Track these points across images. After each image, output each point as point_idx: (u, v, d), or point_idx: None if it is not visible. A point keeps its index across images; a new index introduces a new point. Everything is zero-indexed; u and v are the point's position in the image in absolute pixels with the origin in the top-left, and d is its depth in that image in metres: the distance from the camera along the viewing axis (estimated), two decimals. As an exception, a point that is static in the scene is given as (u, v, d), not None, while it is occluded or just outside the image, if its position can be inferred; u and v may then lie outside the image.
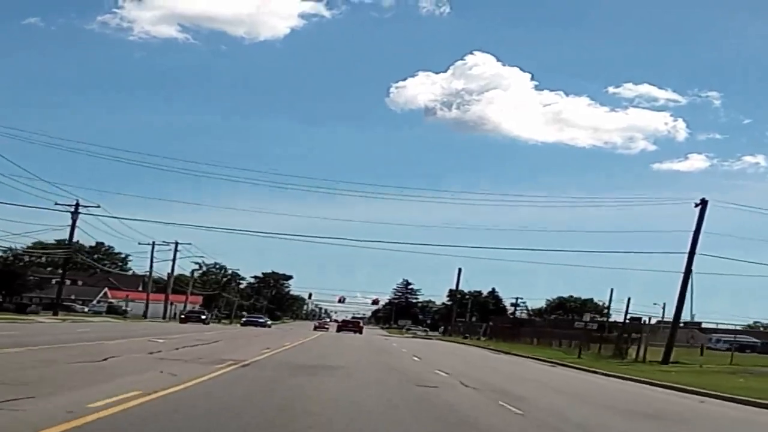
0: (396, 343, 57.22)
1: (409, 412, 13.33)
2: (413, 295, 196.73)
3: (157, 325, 59.79)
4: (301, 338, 49.65)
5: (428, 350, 43.90)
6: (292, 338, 46.98)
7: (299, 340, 44.44)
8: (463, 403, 15.51)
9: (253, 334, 53.87)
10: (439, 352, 43.64)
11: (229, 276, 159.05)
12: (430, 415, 13.31)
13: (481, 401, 16.38)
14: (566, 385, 24.65)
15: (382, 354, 35.20)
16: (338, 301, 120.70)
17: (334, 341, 49.89)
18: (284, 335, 54.09)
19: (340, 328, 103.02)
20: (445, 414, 13.60)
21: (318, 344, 42.04)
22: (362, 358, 29.92)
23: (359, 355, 31.51)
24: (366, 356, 31.44)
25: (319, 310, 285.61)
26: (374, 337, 76.17)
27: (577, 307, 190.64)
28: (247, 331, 64.95)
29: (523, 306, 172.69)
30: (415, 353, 38.03)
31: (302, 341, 43.47)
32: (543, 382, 25.16)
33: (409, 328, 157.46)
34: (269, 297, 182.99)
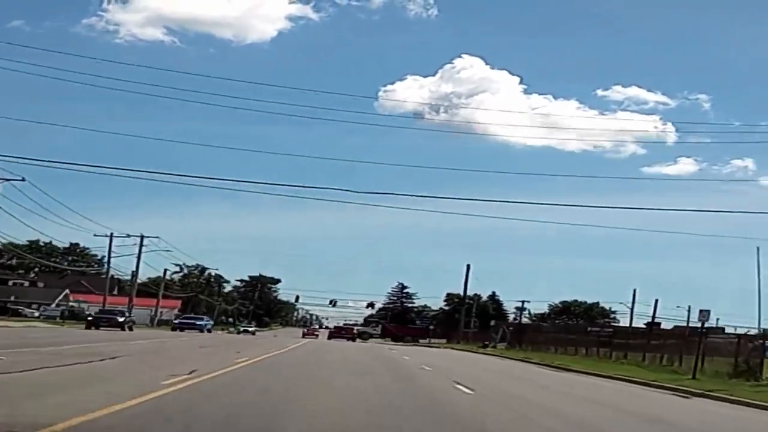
0: (408, 356, 40.17)
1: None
2: (409, 300, 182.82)
3: (67, 333, 44.07)
4: (273, 349, 35.40)
5: (469, 370, 29.18)
6: (256, 350, 32.42)
7: (265, 353, 30.11)
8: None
9: (188, 344, 36.43)
10: (490, 371, 29.37)
11: (209, 277, 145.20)
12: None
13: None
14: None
15: (406, 383, 19.90)
16: (329, 304, 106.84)
17: (316, 353, 35.77)
18: (249, 346, 38.47)
19: (331, 335, 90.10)
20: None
21: (290, 359, 28.09)
22: (358, 393, 16.13)
23: (353, 386, 17.53)
24: (370, 390, 16.96)
25: (310, 316, 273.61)
26: (372, 346, 62.67)
27: (582, 311, 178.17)
28: (179, 342, 40.24)
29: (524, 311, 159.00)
30: (457, 378, 22.54)
31: (265, 355, 28.73)
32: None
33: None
34: (256, 302, 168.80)
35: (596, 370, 32.82)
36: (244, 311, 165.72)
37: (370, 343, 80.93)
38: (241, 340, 48.67)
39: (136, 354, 24.41)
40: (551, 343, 61.02)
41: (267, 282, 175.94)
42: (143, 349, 28.32)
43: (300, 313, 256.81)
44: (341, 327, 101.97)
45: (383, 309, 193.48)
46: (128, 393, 11.96)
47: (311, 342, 62.87)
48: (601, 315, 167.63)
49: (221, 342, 42.91)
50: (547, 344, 62.37)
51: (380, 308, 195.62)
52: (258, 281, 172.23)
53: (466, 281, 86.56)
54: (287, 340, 64.14)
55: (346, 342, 76.59)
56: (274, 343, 46.87)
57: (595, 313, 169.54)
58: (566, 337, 63.89)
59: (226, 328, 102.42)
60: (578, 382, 26.27)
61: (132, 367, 18.53)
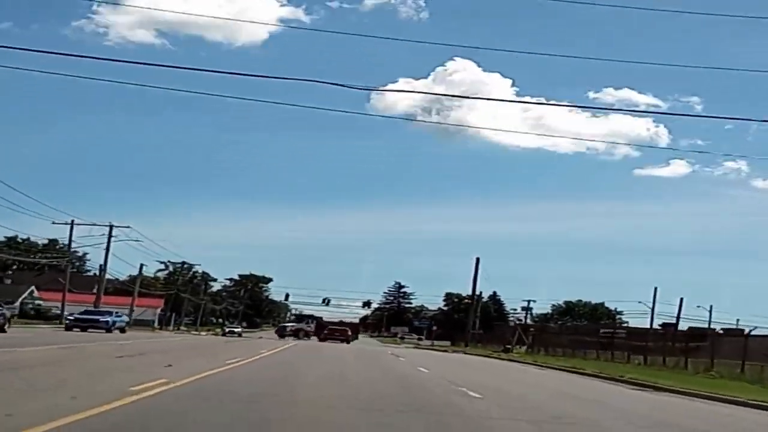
0: (424, 367, 28.23)
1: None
2: (407, 300, 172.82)
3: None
4: (234, 359, 24.63)
5: (540, 395, 18.75)
6: (199, 362, 21.36)
7: (214, 368, 19.33)
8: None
9: (100, 353, 24.40)
10: (576, 398, 18.93)
11: (195, 276, 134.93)
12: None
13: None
14: None
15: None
16: (322, 302, 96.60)
17: (293, 366, 24.87)
18: (200, 354, 27.54)
19: (325, 336, 79.23)
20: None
21: (241, 379, 17.52)
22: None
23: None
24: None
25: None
26: (370, 350, 52.73)
27: (587, 312, 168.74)
28: (96, 348, 27.87)
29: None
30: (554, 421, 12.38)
31: (204, 373, 17.75)
32: None
33: (403, 337, 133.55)
34: (246, 301, 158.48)
35: (684, 386, 23.01)
36: (233, 311, 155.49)
37: (353, 344, 70.35)
38: (203, 345, 38.18)
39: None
40: (579, 346, 51.33)
41: (258, 281, 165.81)
42: (40, 360, 18.09)
43: (293, 313, 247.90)
44: (334, 327, 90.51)
45: (379, 309, 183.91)
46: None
47: (297, 345, 53.13)
48: (607, 316, 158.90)
49: (165, 348, 32.10)
50: (573, 348, 52.90)
51: (376, 308, 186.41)
52: (248, 280, 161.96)
53: (475, 277, 76.41)
54: (271, 342, 54.29)
55: (341, 345, 66.87)
56: (246, 348, 36.75)
57: (600, 313, 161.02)
58: (595, 340, 54.49)
59: (213, 329, 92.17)
60: (711, 413, 16.37)
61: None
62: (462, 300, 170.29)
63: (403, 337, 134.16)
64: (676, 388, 22.78)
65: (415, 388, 17.18)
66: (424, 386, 18.15)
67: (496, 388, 19.48)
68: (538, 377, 28.07)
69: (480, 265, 74.81)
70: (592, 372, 30.68)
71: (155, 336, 47.92)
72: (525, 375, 29.05)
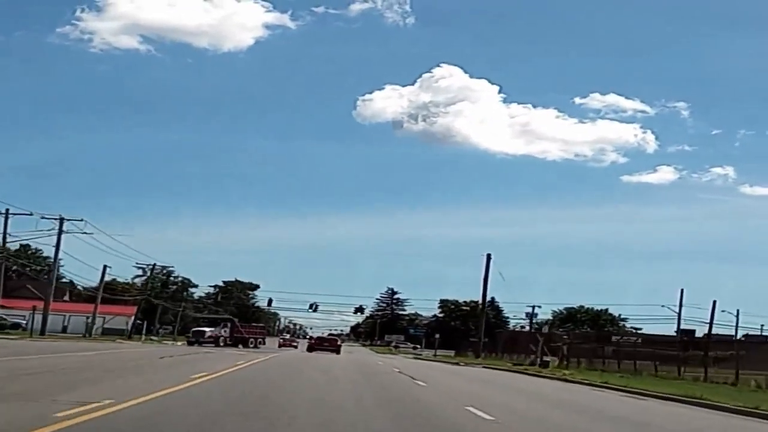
0: (475, 407, 14.79)
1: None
2: (400, 307, 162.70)
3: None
4: (191, 377, 15.39)
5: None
6: (134, 383, 12.57)
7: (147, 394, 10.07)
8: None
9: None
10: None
11: (173, 282, 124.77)
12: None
13: None
14: None
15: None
16: (309, 309, 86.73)
17: (262, 390, 15.22)
18: (140, 371, 19.53)
19: (312, 346, 70.32)
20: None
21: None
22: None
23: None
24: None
25: (293, 326, 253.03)
26: (361, 359, 43.00)
27: (589, 318, 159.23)
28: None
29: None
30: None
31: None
32: None
33: (397, 345, 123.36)
34: (231, 309, 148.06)
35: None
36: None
37: (344, 354, 60.70)
38: (126, 362, 28.01)
39: None
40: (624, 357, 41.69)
41: (244, 287, 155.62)
42: None
43: (283, 322, 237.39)
44: (323, 337, 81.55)
45: (371, 317, 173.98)
46: None
47: (281, 355, 43.51)
48: (611, 322, 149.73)
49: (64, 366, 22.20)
50: (609, 360, 43.39)
51: (368, 316, 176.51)
52: (233, 286, 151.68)
53: (486, 278, 66.43)
54: (252, 353, 44.70)
55: (330, 355, 57.17)
56: (217, 360, 27.11)
57: (603, 320, 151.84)
58: (635, 350, 44.96)
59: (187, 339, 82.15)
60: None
61: None
62: (458, 306, 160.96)
63: (397, 345, 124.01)
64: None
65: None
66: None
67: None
68: (626, 408, 18.17)
69: (492, 265, 65.11)
70: (717, 402, 20.81)
71: (101, 348, 37.94)
72: (598, 405, 19.27)
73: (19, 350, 28.21)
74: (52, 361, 22.48)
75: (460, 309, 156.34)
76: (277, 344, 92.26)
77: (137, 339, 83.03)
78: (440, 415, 13.23)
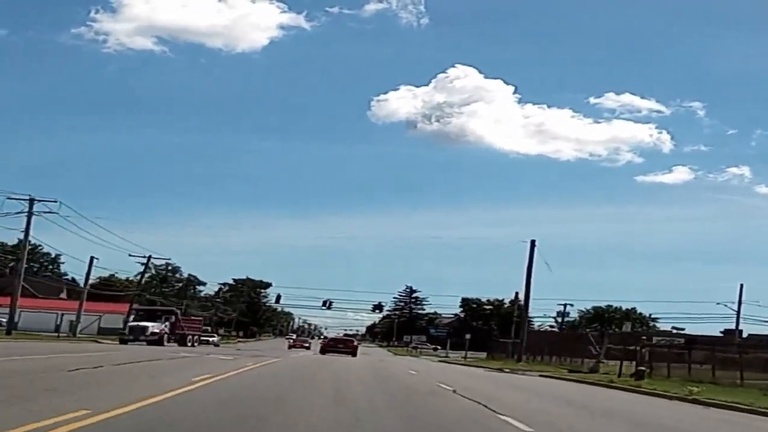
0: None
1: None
2: (419, 306, 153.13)
3: None
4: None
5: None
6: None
7: None
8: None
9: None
10: None
11: (179, 279, 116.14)
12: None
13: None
14: None
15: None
16: (323, 306, 77.35)
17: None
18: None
19: (325, 348, 60.96)
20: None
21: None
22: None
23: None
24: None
25: (308, 326, 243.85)
26: (385, 366, 33.76)
27: (618, 318, 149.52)
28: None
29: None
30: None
31: None
32: None
33: (416, 346, 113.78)
34: (241, 308, 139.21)
35: None
36: (225, 319, 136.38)
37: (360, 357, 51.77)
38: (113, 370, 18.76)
39: None
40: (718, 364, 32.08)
41: (255, 286, 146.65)
42: None
43: (297, 322, 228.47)
44: (338, 338, 72.33)
45: (388, 317, 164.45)
46: None
47: (287, 359, 34.51)
48: (641, 322, 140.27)
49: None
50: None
51: (385, 315, 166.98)
52: (244, 284, 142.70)
53: (530, 267, 56.56)
54: (249, 357, 35.79)
55: (345, 358, 48.11)
56: (194, 366, 18.20)
57: (633, 319, 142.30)
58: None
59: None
60: None
61: None
62: (481, 306, 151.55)
63: (416, 346, 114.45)
64: None
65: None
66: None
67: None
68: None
69: (535, 252, 55.54)
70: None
71: (61, 351, 28.86)
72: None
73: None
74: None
75: (482, 308, 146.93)
76: (287, 345, 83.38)
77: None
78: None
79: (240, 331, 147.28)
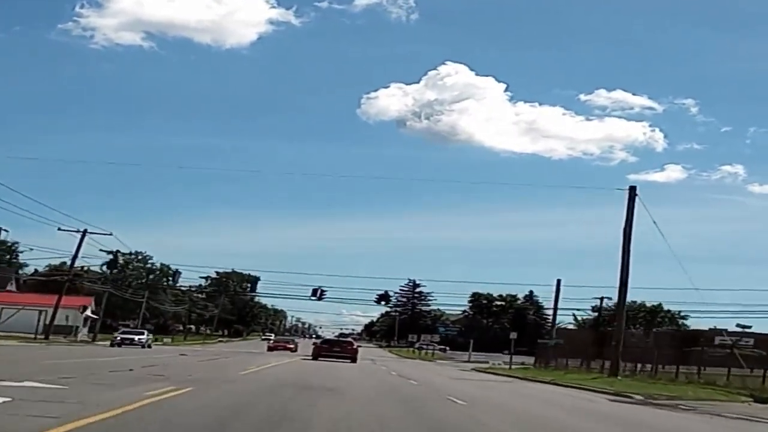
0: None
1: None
2: (423, 302, 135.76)
3: None
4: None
5: None
6: None
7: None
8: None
9: None
10: None
11: (151, 269, 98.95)
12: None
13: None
14: None
15: None
16: (312, 296, 59.85)
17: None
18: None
19: (319, 351, 45.05)
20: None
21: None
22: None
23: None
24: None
25: (302, 324, 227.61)
26: (417, 389, 16.75)
27: (643, 316, 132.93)
28: None
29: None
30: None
31: None
32: None
33: (422, 347, 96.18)
34: (225, 305, 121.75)
35: None
36: (206, 316, 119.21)
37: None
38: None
39: None
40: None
41: (242, 280, 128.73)
42: None
43: (290, 320, 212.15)
44: (333, 339, 56.83)
45: (388, 314, 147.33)
46: None
47: (245, 381, 17.86)
48: (669, 320, 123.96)
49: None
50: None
51: (384, 313, 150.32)
52: (229, 278, 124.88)
53: (630, 219, 38.17)
54: (193, 365, 19.17)
55: (342, 364, 32.00)
56: None
57: (661, 317, 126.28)
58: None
59: (111, 338, 53.51)
60: None
61: None
62: (491, 301, 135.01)
63: (422, 347, 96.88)
64: None
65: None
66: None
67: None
68: None
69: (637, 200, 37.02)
70: None
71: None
72: None
73: None
74: None
75: (493, 304, 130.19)
76: (266, 348, 66.06)
77: (62, 339, 57.22)
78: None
79: (226, 329, 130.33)
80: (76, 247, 55.09)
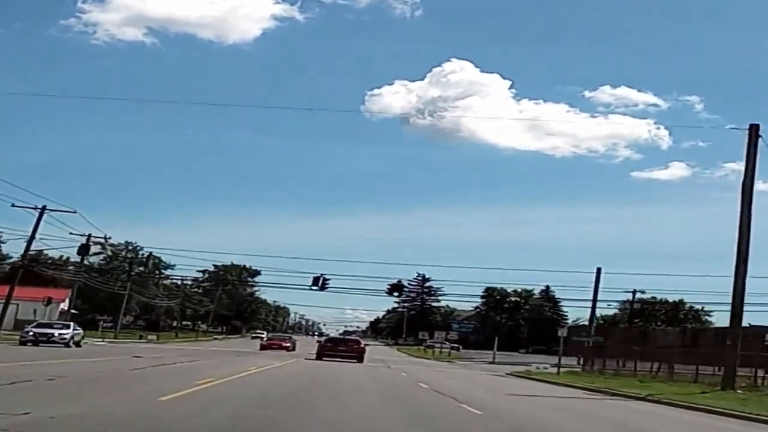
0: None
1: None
2: (433, 297, 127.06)
3: None
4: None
5: None
6: None
7: None
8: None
9: None
10: None
11: (141, 261, 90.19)
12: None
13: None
14: None
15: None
16: (312, 285, 51.34)
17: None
18: None
19: (323, 350, 39.82)
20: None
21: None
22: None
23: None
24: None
25: (305, 322, 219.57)
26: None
27: (664, 312, 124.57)
28: None
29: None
30: None
31: None
32: None
33: (432, 345, 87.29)
34: (222, 299, 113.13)
35: None
36: (201, 312, 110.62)
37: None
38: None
39: None
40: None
41: (241, 272, 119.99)
42: None
43: (294, 317, 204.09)
44: (338, 338, 51.57)
45: (394, 310, 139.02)
46: None
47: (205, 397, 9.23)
48: (693, 317, 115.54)
49: None
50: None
51: (390, 309, 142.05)
52: (227, 271, 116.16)
53: (751, 166, 29.22)
54: (106, 379, 10.95)
55: (349, 373, 23.58)
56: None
57: (683, 314, 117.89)
58: None
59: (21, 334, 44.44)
60: None
61: None
62: (504, 297, 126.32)
63: (432, 345, 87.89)
64: None
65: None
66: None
67: None
68: None
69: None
70: None
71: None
72: None
73: None
74: None
75: (506, 300, 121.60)
76: (258, 346, 57.42)
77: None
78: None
79: (224, 326, 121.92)
80: (33, 226, 46.20)
